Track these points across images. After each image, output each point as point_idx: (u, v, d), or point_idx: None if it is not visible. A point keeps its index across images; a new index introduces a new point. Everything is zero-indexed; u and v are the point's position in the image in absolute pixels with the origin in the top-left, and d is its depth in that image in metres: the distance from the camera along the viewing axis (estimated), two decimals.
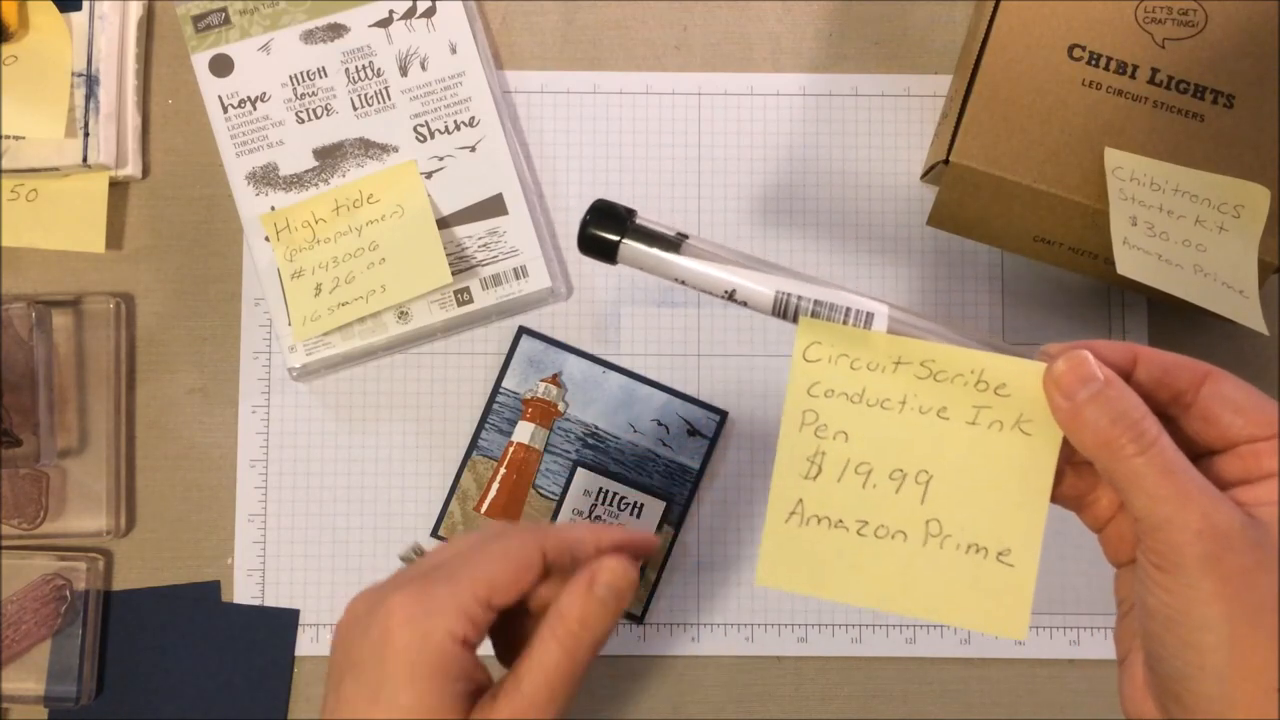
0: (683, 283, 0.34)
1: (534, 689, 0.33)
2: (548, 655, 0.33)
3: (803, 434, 0.34)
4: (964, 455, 0.33)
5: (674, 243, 0.34)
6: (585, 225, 0.35)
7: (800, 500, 0.34)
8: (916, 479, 0.33)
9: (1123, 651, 0.33)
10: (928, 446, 0.33)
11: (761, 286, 0.34)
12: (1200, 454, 0.32)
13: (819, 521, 0.34)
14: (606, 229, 0.35)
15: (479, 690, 0.34)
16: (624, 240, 0.34)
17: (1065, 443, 0.32)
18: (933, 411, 0.33)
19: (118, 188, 0.54)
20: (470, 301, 0.52)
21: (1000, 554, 0.33)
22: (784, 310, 0.34)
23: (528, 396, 0.52)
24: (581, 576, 0.34)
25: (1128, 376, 0.32)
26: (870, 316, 0.33)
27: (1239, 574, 0.28)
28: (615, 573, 0.34)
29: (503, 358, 0.53)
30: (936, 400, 0.33)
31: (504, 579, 0.34)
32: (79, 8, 0.52)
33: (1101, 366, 0.31)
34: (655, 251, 0.34)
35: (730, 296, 0.34)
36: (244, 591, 0.52)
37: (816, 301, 0.33)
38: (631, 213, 0.35)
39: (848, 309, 0.33)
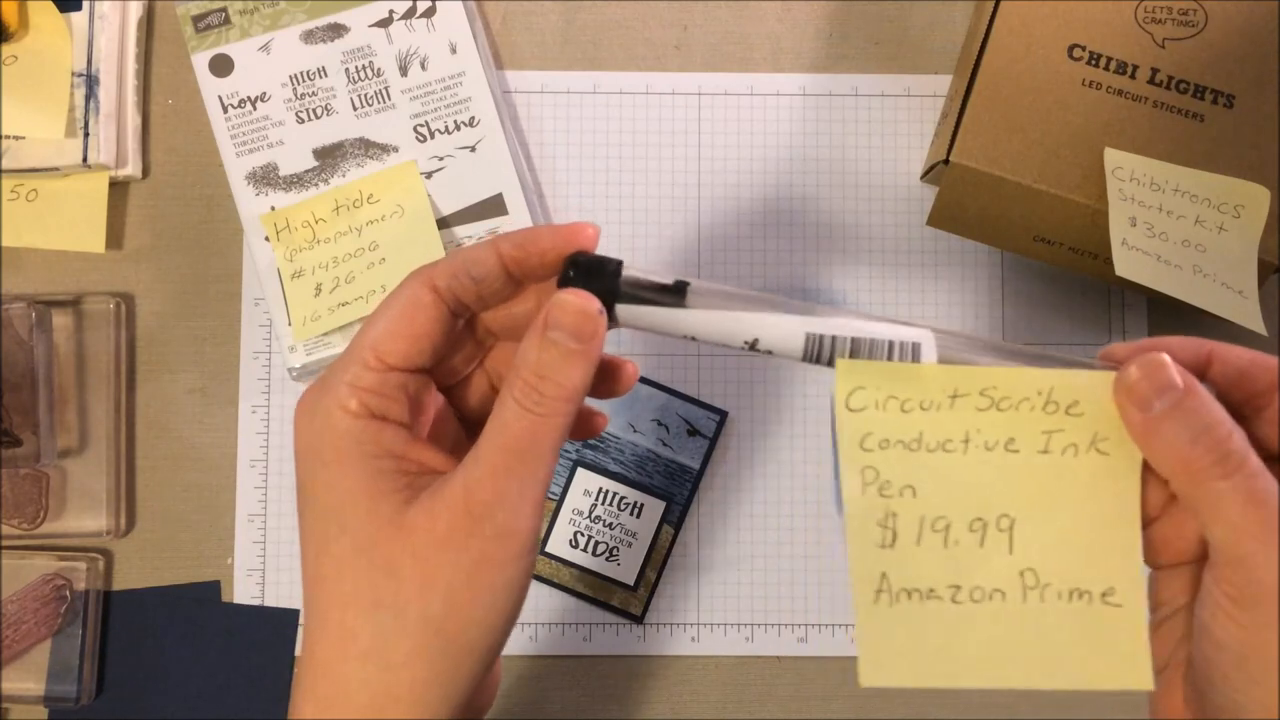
0: (693, 339, 0.30)
1: (491, 452, 0.28)
2: (505, 413, 0.29)
3: (867, 496, 0.30)
4: (1042, 489, 0.30)
5: (675, 292, 0.30)
6: (564, 285, 0.30)
7: (884, 574, 0.30)
8: (999, 525, 0.30)
9: (1159, 661, 0.31)
10: (1002, 486, 0.30)
11: (788, 331, 0.29)
12: (1270, 459, 0.30)
13: (909, 596, 0.30)
14: (590, 290, 0.29)
15: (423, 470, 0.30)
16: (617, 303, 0.30)
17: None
18: (1000, 446, 0.30)
19: (118, 188, 0.54)
20: None
21: (1104, 595, 0.30)
22: (817, 355, 0.29)
23: None
24: (535, 325, 0.29)
25: (1201, 377, 0.29)
26: (917, 348, 0.29)
27: None
28: (567, 311, 0.29)
29: None
30: (1002, 432, 0.30)
31: (386, 329, 0.30)
32: (79, 8, 0.52)
33: (1182, 372, 0.28)
34: (657, 310, 0.29)
35: (752, 347, 0.30)
36: (244, 591, 0.52)
37: (854, 340, 0.29)
38: (619, 264, 0.30)
39: (890, 343, 0.29)
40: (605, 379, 0.34)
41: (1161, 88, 0.47)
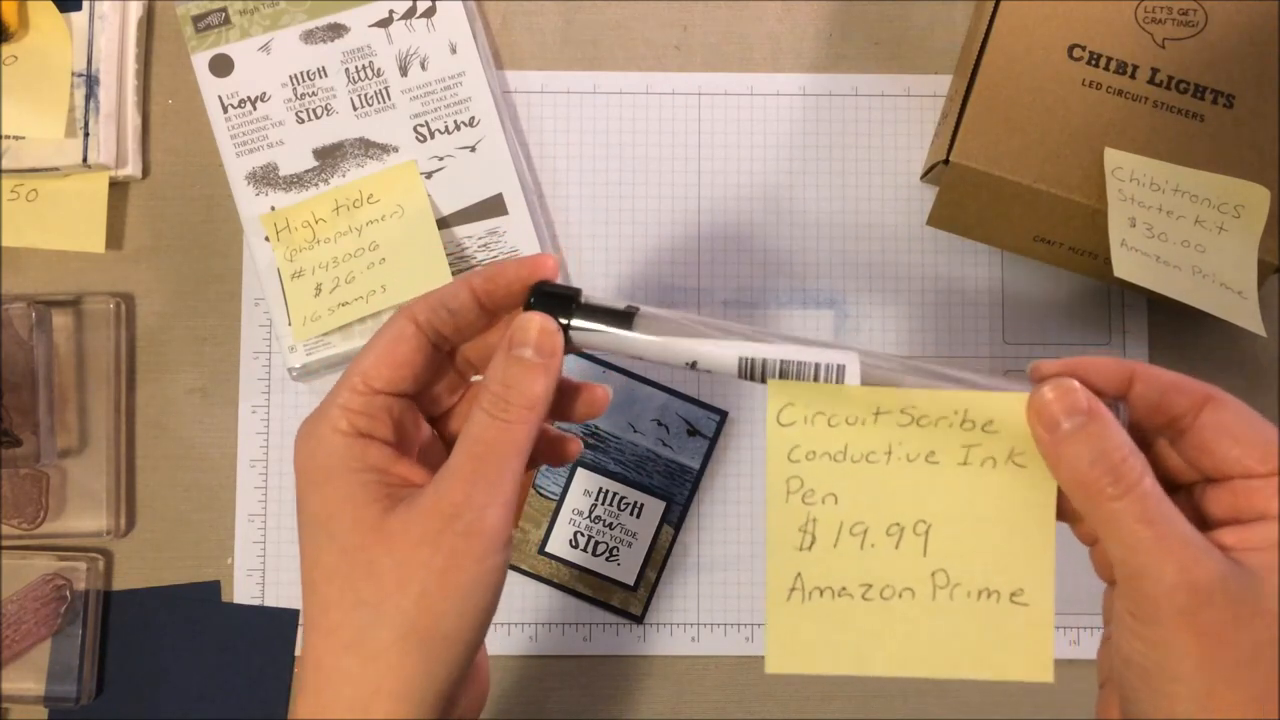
0: (640, 358, 0.33)
1: (461, 459, 0.31)
2: (473, 425, 0.32)
3: (790, 504, 0.32)
4: (960, 498, 0.32)
5: (626, 318, 0.33)
6: (528, 310, 0.33)
7: (798, 574, 0.32)
8: (915, 530, 0.32)
9: (1104, 675, 0.32)
10: (921, 495, 0.32)
11: (723, 354, 0.32)
12: (1193, 482, 0.31)
13: (821, 594, 0.32)
14: (550, 314, 0.33)
15: (405, 484, 0.33)
16: (571, 325, 0.33)
17: None
18: (921, 457, 0.32)
19: (118, 188, 0.54)
20: None
21: (1013, 595, 0.31)
22: (750, 374, 0.32)
23: None
24: (501, 344, 0.33)
25: (1123, 397, 0.30)
26: (841, 369, 0.32)
27: (1215, 630, 0.27)
28: (529, 330, 0.32)
29: None
30: (923, 445, 0.32)
31: (372, 358, 0.33)
32: (79, 8, 0.52)
33: (1090, 397, 0.29)
34: (606, 331, 0.33)
35: (692, 367, 0.33)
36: (244, 591, 0.52)
37: (783, 362, 0.32)
38: (576, 292, 0.33)
39: (816, 365, 0.32)
40: (573, 401, 0.37)
41: (1161, 88, 0.47)
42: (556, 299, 0.33)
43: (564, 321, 0.33)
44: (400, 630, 0.30)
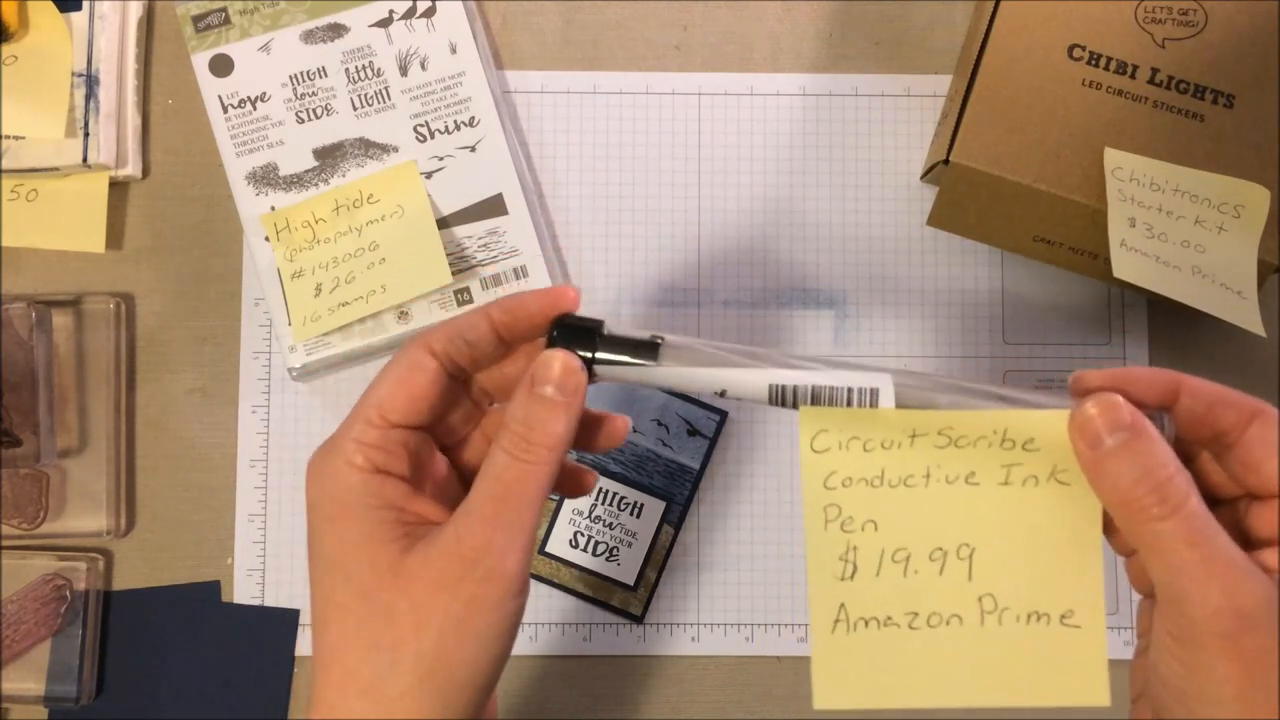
0: (666, 389, 0.32)
1: (481, 500, 0.30)
2: (493, 465, 0.31)
3: (829, 532, 0.31)
4: (1002, 519, 0.31)
5: (650, 348, 0.32)
6: (550, 346, 0.33)
7: (842, 605, 0.31)
8: (959, 554, 0.31)
9: (1137, 689, 0.32)
10: (963, 517, 0.31)
11: (752, 383, 0.31)
12: (1237, 497, 0.31)
13: (867, 624, 0.31)
14: (573, 348, 0.32)
15: (422, 521, 0.32)
16: (595, 358, 0.32)
17: None
18: (960, 479, 0.31)
19: (118, 188, 0.54)
20: (470, 301, 0.52)
21: (1063, 617, 0.31)
22: (781, 401, 0.32)
23: None
24: (522, 382, 0.32)
25: (1168, 409, 0.30)
26: (875, 393, 0.31)
27: (1259, 656, 0.27)
28: (552, 368, 0.31)
29: None
30: (962, 467, 0.31)
31: (388, 389, 0.32)
32: (79, 8, 0.52)
33: (1134, 412, 0.29)
34: (633, 365, 0.32)
35: (721, 395, 0.32)
36: (244, 591, 0.52)
37: (814, 388, 0.31)
38: (599, 324, 0.33)
39: (849, 390, 0.31)
40: (595, 433, 0.36)
41: (1161, 88, 0.47)
42: (579, 332, 0.32)
43: (587, 355, 0.32)
44: (416, 676, 0.30)
